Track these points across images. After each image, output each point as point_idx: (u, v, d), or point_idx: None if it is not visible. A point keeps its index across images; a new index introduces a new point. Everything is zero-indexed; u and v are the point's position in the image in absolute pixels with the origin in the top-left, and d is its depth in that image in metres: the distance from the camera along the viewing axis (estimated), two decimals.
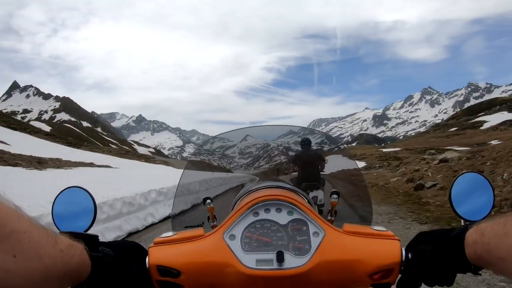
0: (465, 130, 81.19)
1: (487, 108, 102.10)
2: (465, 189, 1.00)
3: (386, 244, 0.87)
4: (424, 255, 0.83)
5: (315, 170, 4.25)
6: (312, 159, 3.93)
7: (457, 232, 0.79)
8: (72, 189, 1.05)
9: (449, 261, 0.79)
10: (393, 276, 0.85)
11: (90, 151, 40.56)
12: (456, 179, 1.02)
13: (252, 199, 0.97)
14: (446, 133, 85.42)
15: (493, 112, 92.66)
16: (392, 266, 0.84)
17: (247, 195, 1.16)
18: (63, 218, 1.00)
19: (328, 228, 0.91)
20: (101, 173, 15.99)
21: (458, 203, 0.98)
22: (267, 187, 1.18)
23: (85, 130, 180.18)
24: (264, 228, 0.91)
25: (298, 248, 0.87)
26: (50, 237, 0.66)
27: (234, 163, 4.44)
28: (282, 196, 0.97)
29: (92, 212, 1.01)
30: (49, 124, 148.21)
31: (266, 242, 0.89)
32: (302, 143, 3.20)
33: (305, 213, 0.93)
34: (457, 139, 66.69)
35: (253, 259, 0.85)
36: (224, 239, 0.88)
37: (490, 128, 73.97)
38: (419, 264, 0.83)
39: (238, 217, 0.93)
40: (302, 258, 0.85)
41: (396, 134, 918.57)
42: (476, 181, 1.02)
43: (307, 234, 0.90)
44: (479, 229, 0.74)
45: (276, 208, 0.95)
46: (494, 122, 79.37)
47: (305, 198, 1.20)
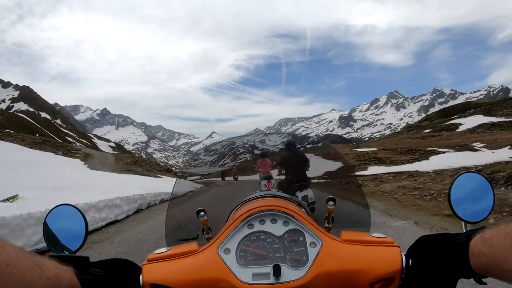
0: (440, 132, 77.87)
1: (461, 110, 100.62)
2: (465, 190, 0.98)
3: (386, 251, 0.85)
4: (426, 262, 0.81)
5: (302, 170, 4.15)
6: (297, 160, 3.81)
7: (461, 241, 0.77)
8: (62, 207, 1.04)
9: (452, 269, 0.77)
10: (394, 284, 0.83)
11: None
12: (455, 180, 0.99)
13: (246, 211, 0.94)
14: (421, 134, 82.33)
15: (468, 115, 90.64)
16: (393, 274, 0.82)
17: (241, 206, 1.14)
18: (54, 237, 0.99)
19: (325, 238, 0.89)
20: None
21: (457, 204, 0.96)
22: (261, 197, 1.15)
23: (41, 121, 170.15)
24: (260, 240, 0.89)
25: (295, 260, 0.85)
26: (36, 266, 0.64)
27: (199, 160, 4.47)
28: (277, 207, 0.95)
29: (84, 230, 1.00)
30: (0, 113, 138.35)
31: (262, 255, 0.87)
32: (287, 146, 3.40)
33: (301, 223, 0.91)
34: (435, 141, 63.22)
35: (249, 273, 0.83)
36: (219, 254, 0.86)
37: (466, 131, 70.96)
38: (421, 272, 0.81)
39: (232, 230, 0.91)
40: (299, 271, 0.83)
41: (361, 136, 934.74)
42: (476, 181, 0.99)
43: (304, 245, 0.87)
44: (485, 238, 0.72)
45: (271, 219, 0.93)
46: (470, 124, 76.89)
47: (301, 207, 1.18)
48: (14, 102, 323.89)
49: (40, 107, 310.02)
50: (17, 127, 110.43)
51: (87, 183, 14.43)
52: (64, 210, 1.04)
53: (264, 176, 5.12)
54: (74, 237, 0.98)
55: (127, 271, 0.86)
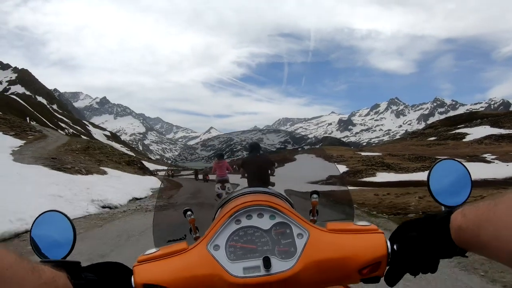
0: (446, 141, 74.81)
1: (467, 120, 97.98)
2: (443, 176, 1.01)
3: (371, 238, 0.88)
4: (410, 243, 0.84)
5: (265, 175, 3.59)
6: (261, 163, 3.44)
7: (443, 216, 0.80)
8: (49, 213, 1.04)
9: (435, 245, 0.80)
10: (381, 269, 0.86)
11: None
12: (433, 167, 1.02)
13: (233, 207, 0.96)
14: (425, 141, 79.77)
15: (474, 125, 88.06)
16: (379, 259, 0.85)
17: (227, 203, 1.15)
18: (42, 244, 0.99)
19: (311, 229, 0.91)
20: None
21: (437, 190, 0.99)
22: (247, 193, 1.17)
23: (34, 105, 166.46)
24: (248, 235, 0.91)
25: (284, 251, 0.87)
26: (34, 271, 0.65)
27: (195, 154, 4.75)
28: (263, 201, 0.96)
29: (72, 236, 1.00)
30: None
31: (251, 249, 0.88)
32: (251, 147, 3.21)
33: (287, 216, 0.93)
34: (441, 149, 60.70)
35: (240, 267, 0.84)
36: (209, 250, 0.88)
37: (474, 141, 68.11)
38: (406, 253, 0.84)
39: (220, 227, 0.92)
40: (289, 262, 0.85)
41: (359, 140, 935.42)
42: (453, 167, 1.02)
43: (291, 237, 0.90)
44: (464, 213, 0.75)
45: (258, 214, 0.95)
46: (477, 135, 74.16)
47: (286, 201, 1.19)
48: (11, 84, 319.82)
49: (37, 91, 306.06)
50: (7, 108, 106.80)
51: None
52: (51, 217, 1.03)
53: (219, 179, 4.07)
54: (62, 244, 0.98)
55: (119, 273, 0.87)
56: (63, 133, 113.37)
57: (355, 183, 30.45)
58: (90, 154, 34.46)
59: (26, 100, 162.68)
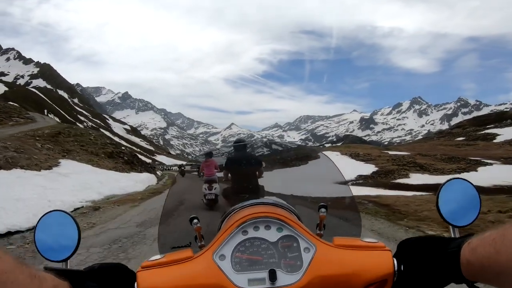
0: (475, 141, 70.76)
1: (496, 120, 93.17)
2: (452, 195, 1.01)
3: (378, 255, 0.87)
4: (418, 267, 0.83)
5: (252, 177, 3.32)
6: (247, 164, 3.13)
7: (453, 250, 0.79)
8: (54, 213, 1.04)
9: (443, 275, 0.80)
10: (387, 287, 0.85)
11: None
12: (443, 186, 1.02)
13: (240, 218, 0.96)
14: (454, 141, 75.94)
15: (504, 126, 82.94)
16: (385, 277, 0.84)
17: (234, 214, 1.15)
18: (46, 245, 0.99)
19: (318, 243, 0.90)
20: None
21: (445, 209, 0.99)
22: (254, 204, 1.16)
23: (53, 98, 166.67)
24: (254, 246, 0.91)
25: (290, 265, 0.87)
26: (35, 278, 0.64)
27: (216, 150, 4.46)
28: (270, 213, 0.96)
29: (76, 237, 1.00)
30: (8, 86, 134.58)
31: (257, 260, 0.88)
32: (236, 146, 3.09)
33: (295, 229, 0.93)
34: (471, 150, 57.02)
35: (245, 279, 0.84)
36: (214, 260, 0.87)
37: (505, 142, 64.20)
38: (412, 276, 0.84)
39: (227, 237, 0.92)
40: (294, 275, 0.84)
41: (381, 139, 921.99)
42: (462, 187, 1.03)
43: (298, 251, 0.89)
44: (472, 248, 0.75)
45: (265, 226, 0.95)
46: (508, 136, 69.65)
47: (293, 214, 1.19)
48: (33, 78, 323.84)
49: (58, 85, 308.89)
50: (23, 100, 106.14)
51: None
52: (56, 217, 1.02)
53: (207, 178, 3.80)
54: (66, 244, 0.98)
55: (122, 278, 0.86)
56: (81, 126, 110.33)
57: (388, 185, 27.38)
58: (59, 142, 28.43)
59: (46, 94, 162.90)
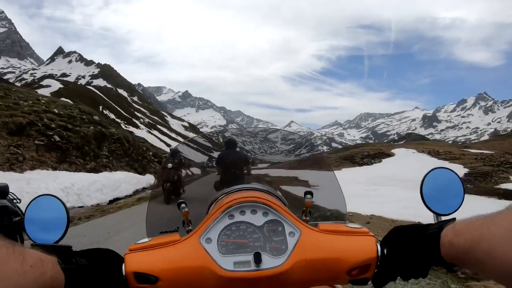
0: None
1: None
2: (436, 184, 1.02)
3: (362, 240, 0.89)
4: (400, 251, 0.85)
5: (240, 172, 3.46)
6: (236, 160, 3.21)
7: (433, 231, 0.81)
8: (43, 197, 1.04)
9: (424, 258, 0.81)
10: (370, 271, 0.87)
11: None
12: (427, 175, 1.03)
13: (227, 202, 0.97)
14: None
15: None
16: (369, 262, 0.86)
17: (221, 198, 1.16)
18: (35, 228, 0.99)
19: (303, 228, 0.92)
20: None
21: (429, 198, 1.00)
22: (241, 189, 1.18)
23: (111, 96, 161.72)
24: (240, 230, 0.92)
25: (275, 248, 0.88)
26: (18, 254, 0.64)
27: (275, 148, 4.72)
28: (257, 198, 0.97)
29: (65, 221, 1.00)
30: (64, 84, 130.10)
31: (243, 244, 0.89)
32: (227, 143, 3.06)
33: (280, 214, 0.94)
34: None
35: (231, 261, 0.85)
36: (201, 243, 0.89)
37: None
38: (395, 260, 0.85)
39: (213, 220, 0.93)
40: (279, 258, 0.86)
41: (445, 138, 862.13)
42: (446, 176, 1.04)
43: (283, 235, 0.91)
44: (455, 230, 0.75)
45: (251, 210, 0.96)
46: None
47: (279, 199, 1.20)
48: (94, 78, 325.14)
49: (118, 84, 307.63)
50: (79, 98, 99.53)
51: None
52: (45, 201, 1.03)
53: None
54: (55, 228, 0.98)
55: (110, 260, 0.87)
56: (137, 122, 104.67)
57: (493, 191, 18.32)
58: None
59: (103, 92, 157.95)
